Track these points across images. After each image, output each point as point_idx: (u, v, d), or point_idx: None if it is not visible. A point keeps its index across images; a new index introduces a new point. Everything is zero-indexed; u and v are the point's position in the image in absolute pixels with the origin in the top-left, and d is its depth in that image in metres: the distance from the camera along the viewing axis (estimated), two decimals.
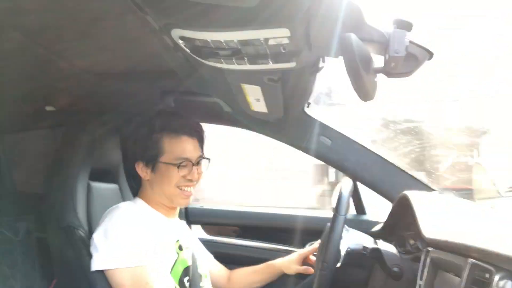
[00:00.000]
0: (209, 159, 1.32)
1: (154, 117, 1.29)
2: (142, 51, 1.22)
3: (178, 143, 1.26)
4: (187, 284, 1.23)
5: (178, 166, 1.23)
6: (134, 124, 1.32)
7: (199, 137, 1.32)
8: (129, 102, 1.58)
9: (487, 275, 0.66)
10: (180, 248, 1.26)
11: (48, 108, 1.49)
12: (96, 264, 1.13)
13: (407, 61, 0.81)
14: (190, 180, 1.26)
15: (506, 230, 0.92)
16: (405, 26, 0.77)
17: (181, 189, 1.25)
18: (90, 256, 1.15)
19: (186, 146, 1.27)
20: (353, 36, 0.74)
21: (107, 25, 1.00)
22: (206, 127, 1.48)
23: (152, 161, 1.24)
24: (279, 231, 1.84)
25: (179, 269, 1.22)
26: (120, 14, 0.94)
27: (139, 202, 1.27)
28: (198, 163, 1.28)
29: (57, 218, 1.27)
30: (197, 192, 1.35)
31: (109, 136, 1.47)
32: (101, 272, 1.13)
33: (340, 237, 1.24)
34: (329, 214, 1.53)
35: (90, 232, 1.26)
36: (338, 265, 1.22)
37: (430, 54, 0.85)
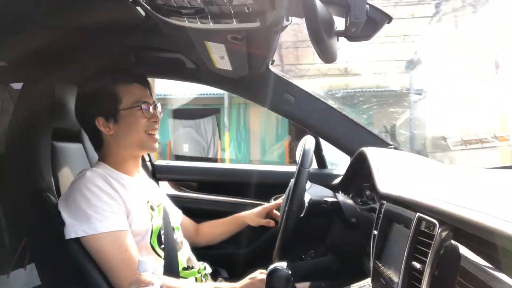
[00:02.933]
0: (161, 103, 1.33)
1: (101, 73, 1.28)
2: (97, 6, 1.16)
3: (132, 90, 1.25)
4: (162, 238, 1.27)
5: (141, 108, 1.23)
6: (85, 82, 1.30)
7: (149, 85, 1.32)
8: (87, 58, 1.51)
9: (432, 228, 0.74)
10: (152, 208, 1.28)
11: (1, 63, 1.41)
12: (70, 232, 1.12)
13: (367, 25, 0.82)
14: (155, 122, 1.27)
15: (452, 185, 1.00)
16: None
17: (149, 134, 1.26)
18: (62, 222, 1.13)
19: (140, 92, 1.27)
20: (316, 1, 0.75)
21: None
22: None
23: (112, 112, 1.22)
24: (246, 185, 1.90)
25: (154, 229, 1.25)
26: None
27: (102, 167, 1.25)
28: (155, 107, 1.28)
29: (21, 181, 1.22)
30: None
31: (70, 94, 1.42)
32: (77, 239, 1.12)
33: (304, 189, 1.30)
34: (293, 168, 1.59)
35: (59, 195, 1.24)
36: (302, 215, 1.30)
37: (389, 18, 0.87)
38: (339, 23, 0.89)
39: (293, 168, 1.66)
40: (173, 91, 8.58)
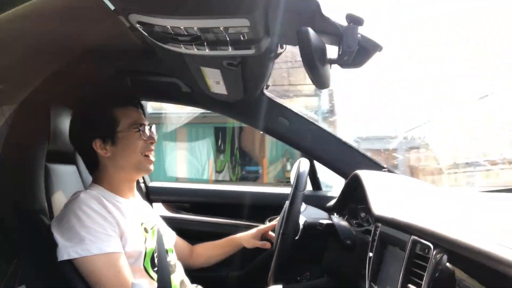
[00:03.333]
0: (156, 126, 1.35)
1: (98, 96, 1.30)
2: (95, 31, 1.18)
3: (129, 113, 1.27)
4: (156, 260, 1.26)
5: (139, 130, 1.25)
6: (82, 104, 1.31)
7: (142, 108, 1.34)
8: (83, 81, 1.53)
9: (426, 250, 0.75)
10: (146, 230, 1.28)
11: None
12: (63, 254, 1.10)
13: (359, 53, 0.85)
14: (152, 144, 1.28)
15: (445, 208, 1.01)
16: (357, 21, 0.81)
17: (145, 155, 1.27)
18: (54, 244, 1.12)
19: (136, 114, 1.29)
20: (310, 31, 0.77)
21: (59, 4, 0.96)
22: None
23: (110, 134, 1.23)
24: (240, 207, 1.89)
25: (148, 251, 1.24)
26: None
27: (97, 189, 1.25)
28: (150, 129, 1.30)
29: (14, 202, 1.22)
30: None
31: (64, 116, 1.42)
32: (69, 261, 1.11)
33: (299, 211, 1.31)
34: (287, 190, 1.60)
35: (52, 216, 1.23)
36: (297, 237, 1.30)
37: (380, 47, 0.90)
38: (332, 51, 0.92)
39: (287, 190, 1.67)
40: None
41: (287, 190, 1.71)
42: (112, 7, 0.96)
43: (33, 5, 0.95)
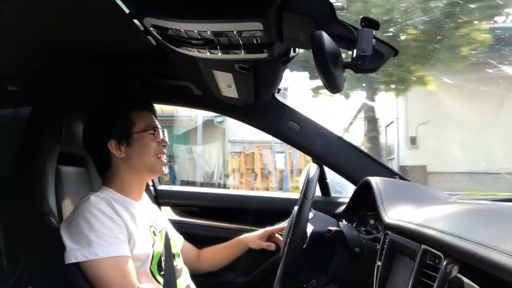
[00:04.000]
0: (167, 130, 1.38)
1: (116, 98, 1.36)
2: (110, 33, 1.19)
3: (144, 116, 1.31)
4: (163, 263, 1.26)
5: (153, 132, 1.28)
6: (98, 106, 1.34)
7: (155, 113, 1.38)
8: (95, 84, 1.55)
9: (437, 260, 0.73)
10: (154, 233, 1.28)
11: (10, 87, 1.44)
12: (70, 256, 1.11)
13: (374, 58, 0.85)
14: (164, 146, 1.31)
15: (457, 217, 0.99)
16: (373, 25, 0.80)
17: (158, 157, 1.29)
18: (62, 246, 1.12)
19: (150, 118, 1.32)
20: (324, 34, 0.77)
21: (74, 7, 0.98)
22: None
23: (126, 135, 1.26)
24: (248, 211, 1.88)
25: (155, 254, 1.24)
26: None
27: (107, 191, 1.25)
28: (163, 132, 1.33)
29: (25, 203, 1.23)
30: None
31: (76, 118, 1.44)
32: (76, 264, 1.11)
33: (307, 220, 1.29)
34: (295, 195, 1.58)
35: (61, 219, 1.24)
36: (304, 246, 1.29)
37: (396, 51, 0.89)
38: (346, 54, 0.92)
39: (296, 195, 1.66)
40: None
41: (295, 195, 1.70)
42: (127, 10, 0.97)
43: (48, 6, 0.96)
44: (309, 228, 1.32)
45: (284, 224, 1.55)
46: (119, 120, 1.27)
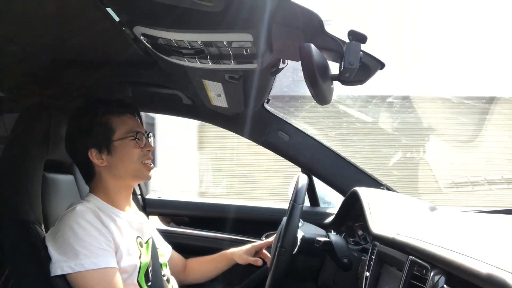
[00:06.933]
0: (154, 135, 1.33)
1: (94, 104, 1.27)
2: (100, 41, 1.19)
3: (125, 120, 1.25)
4: (150, 274, 1.24)
5: (135, 138, 1.22)
6: (76, 112, 1.27)
7: (140, 116, 1.32)
8: (84, 91, 1.53)
9: (424, 271, 0.74)
10: (141, 245, 1.26)
11: None
12: (56, 268, 1.08)
13: (361, 70, 0.86)
14: (149, 151, 1.26)
15: (444, 228, 1.01)
16: (360, 38, 0.81)
17: (144, 163, 1.25)
18: (48, 257, 1.10)
19: (133, 122, 1.27)
20: (312, 47, 0.78)
21: (64, 14, 0.97)
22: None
23: (106, 143, 1.21)
24: (237, 221, 1.88)
25: (142, 265, 1.22)
26: (80, 3, 0.91)
27: (93, 200, 1.23)
28: (147, 136, 1.28)
29: (10, 211, 1.20)
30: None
31: (64, 126, 1.42)
32: (62, 276, 1.08)
33: (298, 224, 1.30)
34: (285, 205, 1.58)
35: (47, 227, 1.21)
36: (294, 252, 1.28)
37: (382, 65, 0.91)
38: (334, 67, 0.93)
39: (285, 205, 1.66)
40: None
41: (285, 205, 1.70)
42: (117, 19, 0.97)
43: (38, 12, 0.95)
44: (299, 235, 1.32)
45: (271, 239, 1.55)
46: (97, 127, 1.21)
